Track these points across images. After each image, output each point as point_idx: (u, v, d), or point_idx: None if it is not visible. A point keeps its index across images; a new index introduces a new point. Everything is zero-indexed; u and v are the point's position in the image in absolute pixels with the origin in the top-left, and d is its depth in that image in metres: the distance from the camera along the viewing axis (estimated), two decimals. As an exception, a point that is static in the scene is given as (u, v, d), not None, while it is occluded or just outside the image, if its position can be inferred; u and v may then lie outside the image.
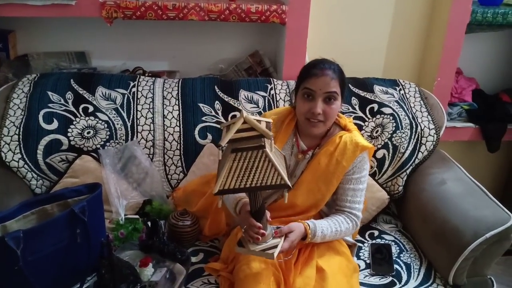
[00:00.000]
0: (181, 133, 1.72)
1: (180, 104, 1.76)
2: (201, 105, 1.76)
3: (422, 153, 1.77)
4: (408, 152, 1.75)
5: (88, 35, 1.98)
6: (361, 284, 1.42)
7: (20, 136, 1.59)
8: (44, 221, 1.26)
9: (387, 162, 1.76)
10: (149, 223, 1.47)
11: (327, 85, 1.34)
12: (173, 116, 1.74)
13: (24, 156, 1.58)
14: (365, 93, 1.82)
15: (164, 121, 1.73)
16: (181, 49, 2.10)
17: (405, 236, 1.69)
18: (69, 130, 1.64)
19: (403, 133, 1.76)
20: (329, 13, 2.04)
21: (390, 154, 1.75)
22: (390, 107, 1.79)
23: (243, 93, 1.80)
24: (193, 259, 1.49)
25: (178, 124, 1.73)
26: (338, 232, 1.40)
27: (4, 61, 1.91)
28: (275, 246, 1.24)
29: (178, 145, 1.72)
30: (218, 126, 1.73)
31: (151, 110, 1.74)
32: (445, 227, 1.46)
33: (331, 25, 2.07)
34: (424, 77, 2.14)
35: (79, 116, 1.67)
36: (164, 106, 1.75)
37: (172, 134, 1.72)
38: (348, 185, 1.43)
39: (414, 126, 1.77)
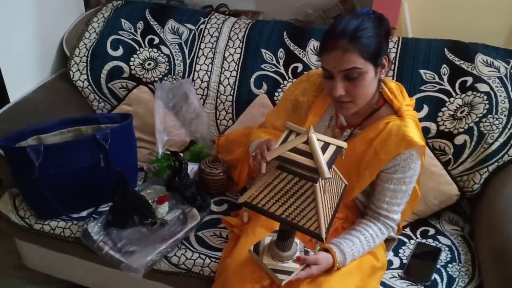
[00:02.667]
0: (237, 78, 1.63)
1: (243, 47, 1.65)
2: (263, 50, 1.62)
3: (517, 149, 1.38)
4: (497, 144, 1.37)
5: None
6: (383, 284, 1.21)
7: (88, 58, 1.68)
8: (74, 140, 1.34)
9: (467, 151, 1.41)
10: (176, 163, 1.45)
11: (341, 62, 1.04)
12: (233, 59, 1.65)
13: (90, 78, 1.68)
14: (461, 61, 1.45)
15: (223, 63, 1.65)
16: (269, -12, 1.95)
17: (467, 244, 1.37)
18: (132, 59, 1.68)
19: (497, 119, 1.37)
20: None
21: (474, 143, 1.40)
22: (488, 84, 1.40)
23: (312, 43, 1.60)
24: (215, 209, 1.45)
25: (236, 69, 1.64)
26: (372, 248, 1.19)
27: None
28: (290, 272, 1.04)
29: (232, 90, 1.63)
30: (276, 76, 1.59)
31: (213, 49, 1.67)
32: (508, 246, 1.13)
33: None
34: None
35: (143, 46, 1.69)
36: (227, 47, 1.67)
37: (228, 78, 1.64)
38: (388, 184, 1.17)
39: (515, 113, 1.37)
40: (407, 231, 1.43)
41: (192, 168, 1.53)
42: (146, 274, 1.27)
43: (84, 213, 1.39)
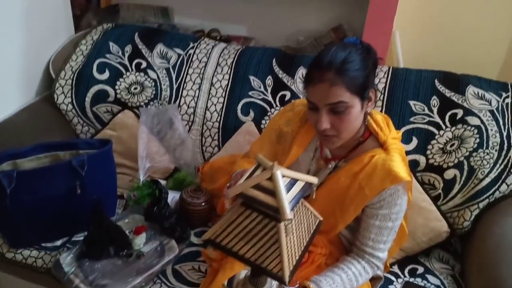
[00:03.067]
0: (224, 104, 1.60)
1: (231, 74, 1.63)
2: (251, 77, 1.60)
3: (508, 185, 1.32)
4: (488, 179, 1.33)
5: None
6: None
7: (74, 81, 1.66)
8: (51, 166, 1.30)
9: (457, 187, 1.36)
10: (157, 191, 1.40)
11: (327, 96, 1.00)
12: (221, 86, 1.62)
13: (74, 101, 1.65)
14: (452, 93, 1.42)
15: (210, 89, 1.63)
16: (260, 15, 1.94)
17: (457, 284, 1.31)
18: (118, 83, 1.65)
19: (488, 154, 1.33)
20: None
21: (464, 178, 1.35)
22: (479, 117, 1.36)
23: (301, 71, 1.57)
24: (196, 240, 1.40)
25: (223, 95, 1.61)
26: (354, 287, 1.13)
27: (92, 8, 2.01)
28: None
29: (219, 117, 1.60)
30: (263, 103, 1.56)
31: (201, 75, 1.65)
32: (498, 286, 1.08)
33: (435, 1, 1.67)
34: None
35: (130, 70, 1.67)
36: (215, 73, 1.64)
37: (215, 105, 1.61)
38: (373, 220, 1.12)
39: (506, 148, 1.32)
40: (395, 269, 1.37)
41: (173, 196, 1.48)
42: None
43: (58, 242, 1.34)
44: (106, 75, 1.66)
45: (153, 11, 2.09)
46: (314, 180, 0.89)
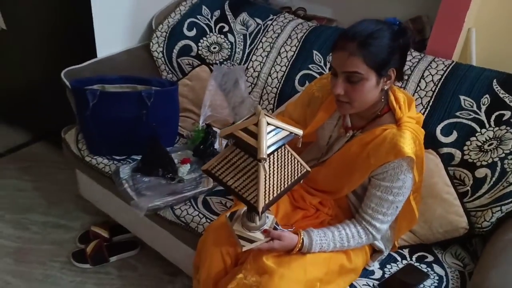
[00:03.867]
0: (285, 73, 1.75)
1: (298, 46, 1.77)
2: (315, 52, 1.72)
3: (537, 194, 1.26)
4: (517, 184, 1.28)
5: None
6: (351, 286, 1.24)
7: (167, 34, 1.95)
8: (127, 94, 1.61)
9: (485, 186, 1.34)
10: (208, 132, 1.62)
11: (344, 64, 1.09)
12: (286, 56, 1.77)
13: (164, 51, 1.95)
14: (506, 95, 1.38)
15: (276, 57, 1.79)
16: (347, -1, 2.03)
17: (462, 279, 1.30)
18: (201, 41, 1.91)
19: (523, 159, 1.28)
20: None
21: (494, 179, 1.32)
22: (525, 122, 1.31)
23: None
24: (231, 182, 1.59)
25: (286, 64, 1.76)
26: (344, 247, 1.21)
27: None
28: (253, 241, 1.12)
29: (278, 83, 1.76)
30: (318, 76, 1.67)
31: (271, 44, 1.82)
32: (484, 286, 1.07)
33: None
34: None
35: (213, 31, 1.91)
36: (285, 44, 1.80)
37: (278, 72, 1.77)
38: (375, 190, 1.19)
39: (544, 156, 1.26)
40: (405, 252, 1.40)
41: (224, 142, 1.69)
42: (153, 217, 1.48)
43: (123, 157, 1.64)
44: (193, 32, 1.92)
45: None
46: (299, 132, 1.02)
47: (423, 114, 1.45)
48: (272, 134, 0.98)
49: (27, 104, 2.31)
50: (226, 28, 1.90)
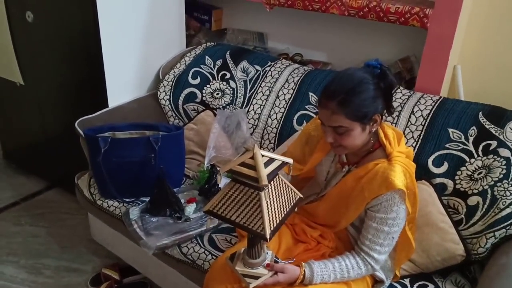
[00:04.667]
0: (284, 114, 1.86)
1: (295, 89, 1.89)
2: (310, 94, 1.83)
3: (528, 219, 1.31)
4: (508, 210, 1.33)
5: (268, 19, 2.31)
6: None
7: (173, 83, 2.09)
8: (136, 140, 1.72)
9: (478, 214, 1.39)
10: (213, 171, 1.71)
11: (328, 119, 1.20)
12: (284, 98, 1.89)
13: (171, 99, 2.08)
14: (491, 126, 1.46)
15: (275, 100, 1.90)
16: (339, 43, 2.17)
17: (462, 307, 1.33)
18: (205, 88, 2.04)
19: (511, 185, 1.34)
20: (487, 21, 1.71)
21: (486, 206, 1.38)
22: (510, 150, 1.38)
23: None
24: (235, 220, 1.66)
25: (285, 106, 1.87)
26: (345, 279, 1.26)
27: (203, 30, 2.47)
28: (258, 277, 1.18)
29: (278, 124, 1.86)
30: (314, 116, 1.77)
31: (270, 88, 1.94)
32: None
33: (488, 36, 1.73)
34: None
35: (216, 79, 2.05)
36: (282, 87, 1.92)
37: (277, 113, 1.88)
38: (371, 222, 1.25)
39: (531, 182, 1.32)
40: (406, 281, 1.44)
41: (226, 181, 1.78)
42: (161, 256, 1.54)
43: (132, 199, 1.73)
44: (197, 80, 2.06)
45: (252, 36, 2.47)
46: (290, 160, 1.11)
47: (415, 147, 1.53)
48: (267, 164, 1.08)
49: (43, 154, 2.44)
50: (228, 76, 2.04)
